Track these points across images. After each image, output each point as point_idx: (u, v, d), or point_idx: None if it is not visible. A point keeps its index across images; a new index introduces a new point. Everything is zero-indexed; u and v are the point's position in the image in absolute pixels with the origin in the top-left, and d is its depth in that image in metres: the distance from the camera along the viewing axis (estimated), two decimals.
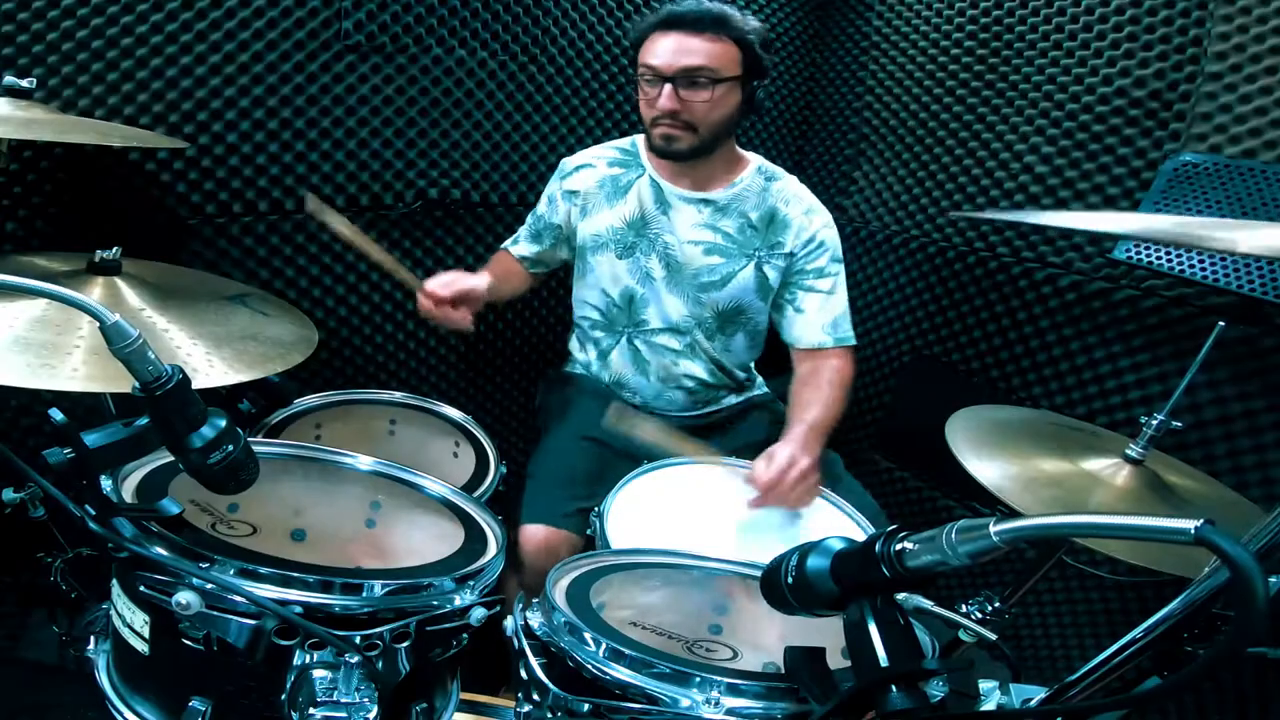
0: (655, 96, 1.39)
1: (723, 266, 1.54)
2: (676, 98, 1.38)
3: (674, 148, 1.44)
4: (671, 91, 1.37)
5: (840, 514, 1.38)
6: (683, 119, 1.40)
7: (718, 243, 1.54)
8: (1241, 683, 1.43)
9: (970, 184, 1.94)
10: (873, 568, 0.67)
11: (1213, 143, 1.47)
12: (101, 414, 1.18)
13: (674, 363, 1.61)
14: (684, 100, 1.38)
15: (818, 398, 1.45)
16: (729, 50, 1.38)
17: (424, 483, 1.16)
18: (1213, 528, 0.48)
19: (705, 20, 1.36)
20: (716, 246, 1.54)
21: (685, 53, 1.36)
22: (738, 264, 1.54)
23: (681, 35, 1.36)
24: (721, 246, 1.54)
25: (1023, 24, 1.79)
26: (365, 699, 0.80)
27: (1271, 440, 1.44)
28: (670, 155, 1.47)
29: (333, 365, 1.83)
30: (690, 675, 0.81)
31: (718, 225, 1.54)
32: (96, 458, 0.76)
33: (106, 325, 0.70)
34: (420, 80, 1.72)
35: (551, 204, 1.65)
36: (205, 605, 0.77)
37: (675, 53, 1.36)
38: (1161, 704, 1.51)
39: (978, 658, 1.31)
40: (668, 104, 1.38)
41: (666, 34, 1.38)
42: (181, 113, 1.50)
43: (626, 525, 1.25)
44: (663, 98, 1.38)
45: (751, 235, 1.54)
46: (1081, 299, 1.71)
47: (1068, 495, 1.12)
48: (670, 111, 1.39)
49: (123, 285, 1.11)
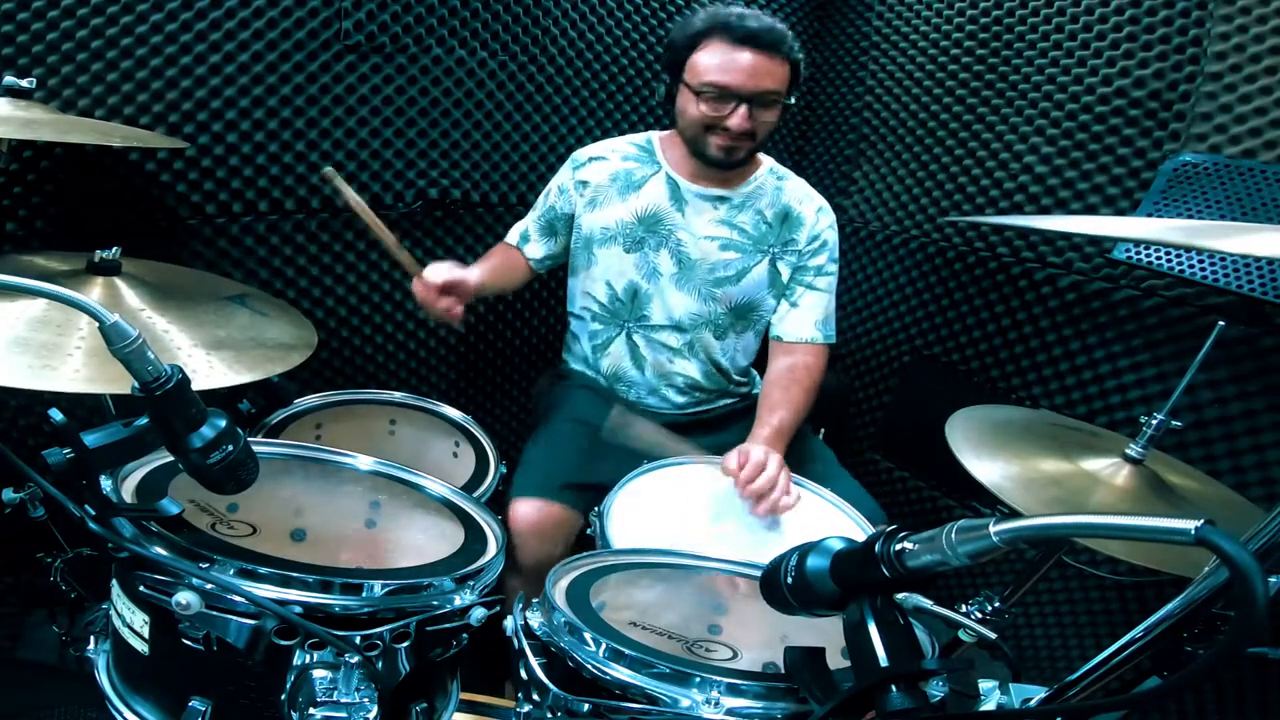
0: (723, 114, 1.39)
1: (738, 262, 1.56)
2: (750, 118, 1.39)
3: (734, 159, 1.47)
4: (747, 112, 1.38)
5: (836, 510, 1.38)
6: (755, 137, 1.43)
7: (734, 239, 1.56)
8: (1241, 683, 1.44)
9: (970, 184, 1.94)
10: (872, 568, 0.67)
11: (1212, 143, 1.47)
12: (101, 414, 1.18)
13: (669, 360, 1.61)
14: (757, 120, 1.41)
15: (786, 400, 1.49)
16: (788, 70, 1.41)
17: (424, 483, 1.16)
18: (1213, 528, 0.48)
19: (779, 43, 1.37)
20: (733, 242, 1.56)
21: (764, 75, 1.37)
22: (753, 259, 1.56)
23: (758, 56, 1.36)
24: (737, 242, 1.56)
25: (1023, 24, 1.79)
26: (365, 699, 0.80)
27: (1271, 440, 1.44)
28: (728, 165, 1.49)
29: (333, 365, 1.83)
30: (690, 675, 0.81)
31: (734, 221, 1.56)
32: (96, 458, 0.76)
33: (106, 325, 0.70)
34: (420, 80, 1.72)
35: (563, 194, 1.65)
36: (205, 605, 0.77)
37: (754, 75, 1.36)
38: (1161, 704, 1.51)
39: (978, 658, 1.31)
40: (745, 124, 1.39)
41: (739, 50, 1.36)
42: (181, 113, 1.50)
43: (627, 524, 1.25)
44: (737, 117, 1.38)
45: (767, 231, 1.57)
46: (1081, 299, 1.71)
47: (1068, 495, 1.12)
48: (746, 132, 1.40)
49: (122, 285, 1.11)
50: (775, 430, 1.43)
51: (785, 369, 1.56)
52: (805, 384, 1.53)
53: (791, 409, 1.48)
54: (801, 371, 1.54)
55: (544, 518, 1.35)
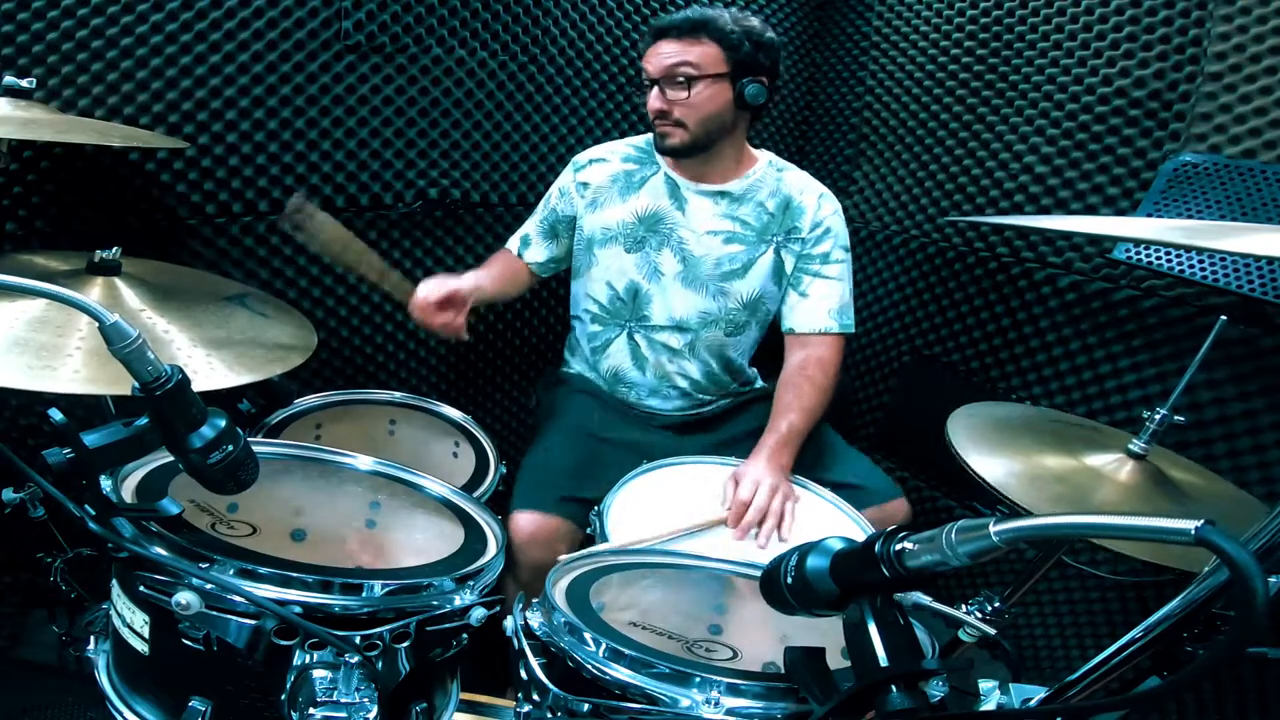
0: (648, 100, 1.49)
1: (743, 254, 1.56)
2: (663, 98, 1.46)
3: (667, 144, 1.51)
4: (658, 92, 1.47)
5: (837, 510, 1.38)
6: (672, 118, 1.48)
7: (737, 231, 1.56)
8: (1241, 683, 1.43)
9: (970, 184, 1.94)
10: (872, 568, 0.67)
11: (1212, 143, 1.47)
12: (101, 413, 1.18)
13: (670, 361, 1.61)
14: (669, 100, 1.46)
15: (797, 402, 1.48)
16: (709, 50, 1.44)
17: (424, 483, 1.16)
18: (1213, 528, 0.48)
19: (684, 25, 1.45)
20: (736, 235, 1.56)
21: (670, 56, 1.45)
22: (757, 250, 1.56)
23: (665, 41, 1.46)
24: (740, 235, 1.56)
25: (1023, 24, 1.78)
26: (365, 699, 0.80)
27: (1271, 440, 1.44)
28: (666, 152, 1.54)
29: (333, 365, 1.83)
30: (690, 675, 0.81)
31: (736, 214, 1.57)
32: (96, 458, 0.76)
33: (106, 325, 0.70)
34: (420, 80, 1.71)
35: (565, 196, 1.66)
36: (205, 605, 0.77)
37: (660, 56, 1.46)
38: (1161, 704, 1.51)
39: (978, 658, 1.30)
40: (655, 104, 1.48)
41: (655, 42, 1.48)
42: (181, 113, 1.50)
43: (627, 524, 1.25)
44: (652, 98, 1.49)
45: (769, 222, 1.57)
46: (1081, 299, 1.71)
47: (1071, 491, 1.11)
48: (659, 111, 1.48)
49: (122, 285, 1.11)
50: (782, 438, 1.42)
51: (797, 366, 1.54)
52: (818, 381, 1.50)
53: (802, 412, 1.46)
54: (814, 367, 1.52)
55: (543, 530, 1.34)
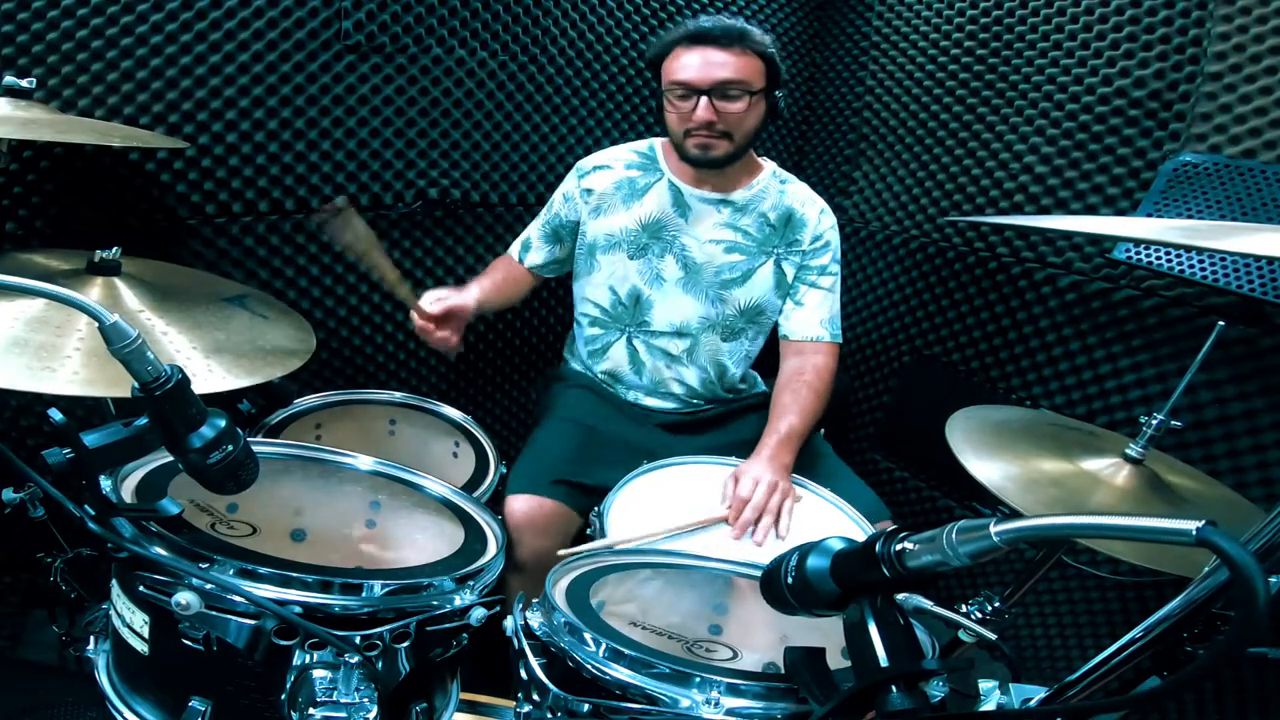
0: (689, 110, 1.43)
1: (743, 264, 1.57)
2: (713, 109, 1.42)
3: (710, 155, 1.47)
4: (709, 103, 1.41)
5: (837, 510, 1.38)
6: (719, 129, 1.44)
7: (738, 241, 1.57)
8: (1241, 683, 1.43)
9: (970, 184, 1.94)
10: (873, 568, 0.67)
11: (1212, 143, 1.47)
12: (101, 414, 1.18)
13: (667, 366, 1.62)
14: (720, 111, 1.42)
15: (795, 405, 1.48)
16: (754, 63, 1.43)
17: (424, 483, 1.16)
18: (1213, 528, 0.48)
19: (731, 35, 1.41)
20: (737, 245, 1.57)
21: (717, 66, 1.40)
22: (757, 261, 1.57)
23: (710, 50, 1.41)
24: (742, 245, 1.57)
25: (1023, 24, 1.78)
26: (365, 699, 0.80)
27: (1271, 441, 1.44)
28: (707, 164, 1.50)
29: (333, 365, 1.83)
30: (690, 675, 0.81)
31: (738, 224, 1.57)
32: (96, 458, 0.76)
33: (105, 325, 0.70)
34: (420, 80, 1.71)
35: (569, 202, 1.66)
36: (205, 605, 0.77)
37: (707, 66, 1.41)
38: (1161, 704, 1.51)
39: (978, 658, 1.31)
40: (707, 115, 1.42)
41: (692, 49, 1.42)
42: (181, 113, 1.50)
43: (628, 524, 1.25)
44: (700, 109, 1.42)
45: (770, 234, 1.58)
46: (1081, 299, 1.71)
47: (1068, 495, 1.12)
48: (708, 122, 1.43)
49: (122, 285, 1.11)
50: (782, 438, 1.42)
51: (795, 371, 1.55)
52: (816, 386, 1.52)
53: (801, 414, 1.47)
54: (811, 373, 1.53)
55: (537, 512, 1.35)
